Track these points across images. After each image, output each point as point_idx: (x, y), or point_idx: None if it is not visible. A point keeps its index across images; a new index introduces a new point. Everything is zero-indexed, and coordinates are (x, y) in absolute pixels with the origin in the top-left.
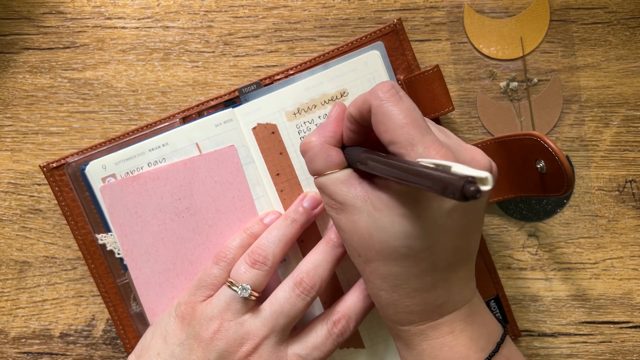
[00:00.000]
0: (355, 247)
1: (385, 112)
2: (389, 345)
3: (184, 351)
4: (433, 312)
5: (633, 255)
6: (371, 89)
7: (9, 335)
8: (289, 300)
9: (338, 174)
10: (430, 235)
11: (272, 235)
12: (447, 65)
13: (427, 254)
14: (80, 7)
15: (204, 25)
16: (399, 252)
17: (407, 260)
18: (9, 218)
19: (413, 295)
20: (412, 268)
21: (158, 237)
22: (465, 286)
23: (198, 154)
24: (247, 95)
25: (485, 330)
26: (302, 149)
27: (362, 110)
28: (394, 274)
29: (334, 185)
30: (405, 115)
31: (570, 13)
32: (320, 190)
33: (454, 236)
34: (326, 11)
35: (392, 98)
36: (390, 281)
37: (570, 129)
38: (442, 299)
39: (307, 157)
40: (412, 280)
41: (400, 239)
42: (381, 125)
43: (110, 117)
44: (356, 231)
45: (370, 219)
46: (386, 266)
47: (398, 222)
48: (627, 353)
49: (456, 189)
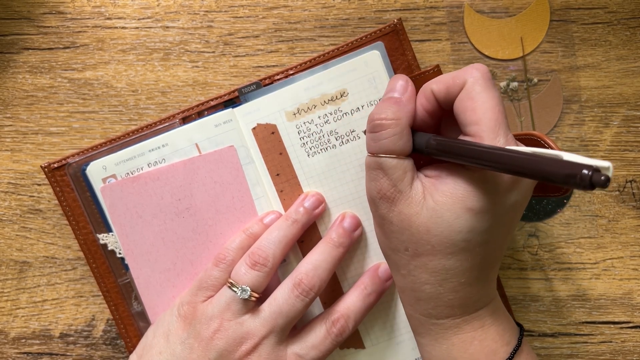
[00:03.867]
0: (404, 241)
1: (482, 90)
2: (389, 346)
3: (185, 350)
4: (471, 306)
5: (633, 255)
6: (464, 68)
7: (9, 335)
8: (287, 301)
9: (406, 160)
10: (491, 230)
11: (273, 236)
12: (448, 65)
13: (482, 248)
14: (80, 7)
15: (204, 25)
16: (458, 246)
17: (463, 254)
18: (8, 218)
19: (458, 289)
20: (466, 262)
21: (158, 237)
22: (494, 282)
23: (198, 154)
24: (246, 96)
25: (508, 325)
26: (374, 124)
27: (451, 86)
28: (446, 268)
29: (399, 170)
30: (499, 100)
31: (570, 13)
32: (375, 174)
33: (506, 232)
34: (326, 11)
35: (489, 81)
36: (440, 275)
37: (570, 129)
38: (480, 293)
39: (379, 134)
40: (461, 274)
41: (462, 232)
42: (470, 102)
43: (110, 117)
44: (410, 224)
45: (431, 212)
46: (440, 260)
47: (463, 216)
48: (627, 353)
49: (585, 178)
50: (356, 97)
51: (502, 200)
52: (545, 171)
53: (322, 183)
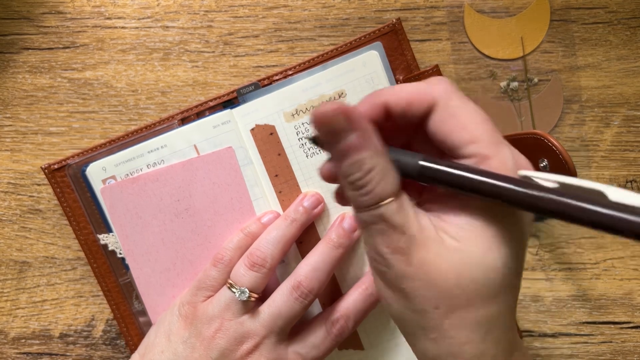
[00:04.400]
0: (431, 298)
1: (461, 104)
2: (387, 347)
3: (187, 349)
4: (508, 351)
5: (634, 256)
6: (426, 80)
7: (9, 335)
8: (286, 303)
9: (402, 196)
10: (521, 256)
11: (272, 236)
12: (448, 65)
13: (518, 279)
14: (80, 7)
15: (203, 25)
16: (498, 287)
17: (507, 294)
18: (8, 218)
19: (500, 338)
20: (511, 302)
21: (158, 237)
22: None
23: (196, 155)
24: (245, 96)
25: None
26: (352, 177)
27: (414, 102)
28: (491, 317)
29: (402, 212)
30: (481, 111)
31: (570, 13)
32: (379, 228)
33: (526, 250)
34: (326, 11)
35: (459, 92)
36: (484, 327)
37: (570, 129)
38: (513, 333)
39: (362, 188)
40: (504, 318)
41: (498, 268)
42: (455, 120)
43: (110, 117)
44: (437, 274)
45: (454, 253)
46: (481, 310)
47: (494, 249)
48: (627, 353)
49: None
50: (354, 97)
51: (523, 218)
52: (601, 222)
53: (321, 184)
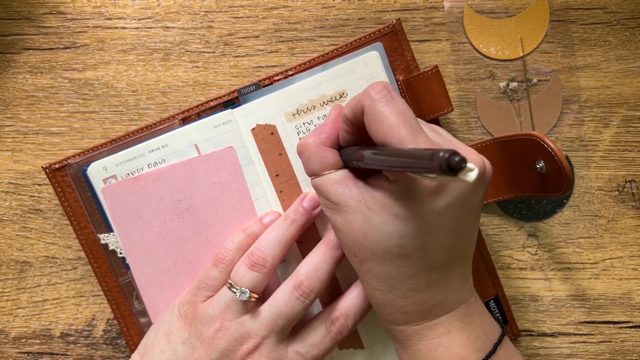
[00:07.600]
0: (351, 247)
1: (377, 113)
2: (388, 346)
3: (187, 349)
4: (429, 312)
5: (633, 255)
6: (364, 90)
7: (10, 335)
8: (287, 303)
9: (333, 174)
10: (424, 235)
11: (272, 236)
12: (447, 65)
13: (420, 253)
14: (80, 8)
15: (204, 25)
16: (393, 252)
17: (401, 260)
18: (9, 218)
19: (408, 295)
20: (407, 268)
21: (159, 237)
22: (462, 286)
23: (197, 155)
24: (246, 96)
25: (482, 330)
26: (298, 150)
27: (355, 111)
28: (389, 274)
29: (329, 185)
30: (396, 115)
31: (570, 13)
32: (316, 191)
33: (447, 235)
34: (326, 11)
35: (384, 98)
36: (385, 281)
37: (569, 129)
38: (437, 298)
39: (303, 157)
40: (407, 280)
41: (393, 238)
42: (373, 125)
43: (111, 118)
44: (351, 231)
45: (364, 219)
46: (381, 266)
47: (391, 222)
48: (626, 353)
49: (442, 160)
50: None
51: (429, 205)
52: (415, 160)
53: None
